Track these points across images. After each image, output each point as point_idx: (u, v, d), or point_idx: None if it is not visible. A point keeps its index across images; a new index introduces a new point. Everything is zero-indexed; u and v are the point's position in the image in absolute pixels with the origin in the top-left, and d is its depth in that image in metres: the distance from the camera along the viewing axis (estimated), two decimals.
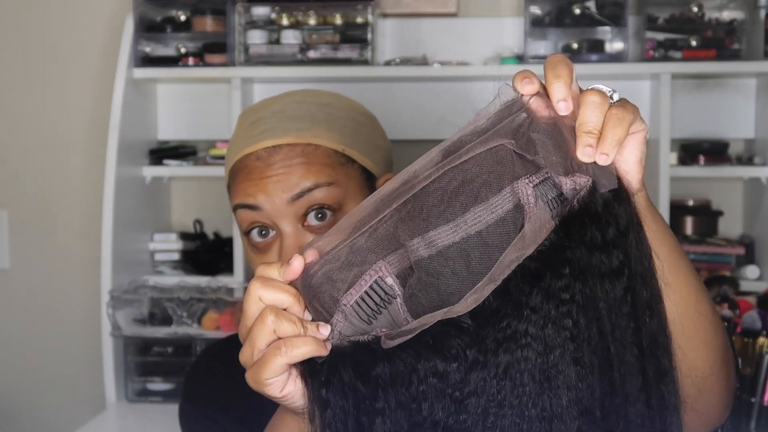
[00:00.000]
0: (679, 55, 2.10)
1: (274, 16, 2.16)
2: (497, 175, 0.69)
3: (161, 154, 2.27)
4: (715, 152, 2.16)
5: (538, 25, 2.13)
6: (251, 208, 1.03)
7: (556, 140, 0.70)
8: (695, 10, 2.12)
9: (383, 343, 0.69)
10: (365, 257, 0.71)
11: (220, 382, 1.11)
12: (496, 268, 0.67)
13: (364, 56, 2.13)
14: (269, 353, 0.70)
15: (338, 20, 2.14)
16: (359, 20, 2.14)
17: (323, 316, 0.72)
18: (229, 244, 2.28)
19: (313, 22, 2.14)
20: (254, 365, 0.71)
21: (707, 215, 2.25)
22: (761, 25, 2.05)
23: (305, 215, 1.02)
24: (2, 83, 2.42)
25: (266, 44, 2.16)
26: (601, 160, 0.69)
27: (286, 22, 2.15)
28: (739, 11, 2.12)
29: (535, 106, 0.72)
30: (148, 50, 2.21)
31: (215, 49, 2.17)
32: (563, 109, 0.70)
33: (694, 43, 2.09)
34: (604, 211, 0.69)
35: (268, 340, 0.71)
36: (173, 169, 2.26)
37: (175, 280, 2.19)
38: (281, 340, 0.70)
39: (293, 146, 1.03)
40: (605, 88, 0.74)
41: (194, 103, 2.33)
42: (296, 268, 0.72)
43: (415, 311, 0.70)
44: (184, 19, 2.19)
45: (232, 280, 2.17)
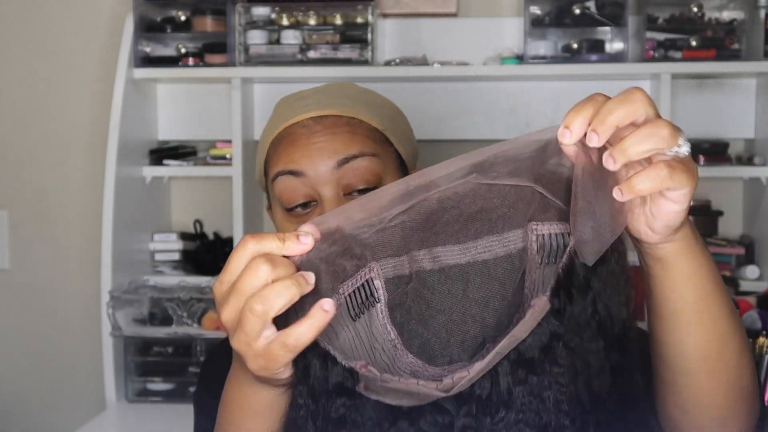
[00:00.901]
0: (679, 55, 2.10)
1: (274, 16, 2.16)
2: (518, 211, 0.68)
3: (161, 154, 2.27)
4: (715, 152, 2.16)
5: (538, 25, 2.13)
6: (294, 174, 1.01)
7: (584, 186, 0.66)
8: (695, 10, 2.12)
9: (359, 387, 0.66)
10: (363, 252, 0.70)
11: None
12: (508, 340, 0.63)
13: (364, 56, 2.13)
14: (275, 348, 0.66)
15: (338, 20, 2.14)
16: (359, 20, 2.14)
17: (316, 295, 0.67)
18: (229, 244, 2.28)
19: (313, 22, 2.14)
20: (259, 360, 0.67)
21: (707, 215, 2.25)
22: (761, 25, 2.05)
23: (347, 187, 1.01)
24: (2, 83, 2.42)
25: (266, 44, 2.16)
26: (592, 140, 0.62)
27: (286, 22, 2.15)
28: (739, 11, 2.12)
29: (571, 152, 0.66)
30: (148, 50, 2.21)
31: (215, 49, 2.17)
32: (591, 140, 0.63)
33: (694, 43, 2.09)
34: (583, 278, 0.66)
35: (257, 287, 0.64)
36: (173, 169, 2.26)
37: (175, 280, 2.20)
38: (284, 331, 0.66)
39: (338, 117, 1.05)
40: (681, 139, 0.64)
41: (194, 103, 2.33)
42: (306, 243, 0.67)
43: (398, 320, 0.69)
44: (184, 19, 2.19)
45: None
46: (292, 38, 2.15)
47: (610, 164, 0.63)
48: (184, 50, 2.19)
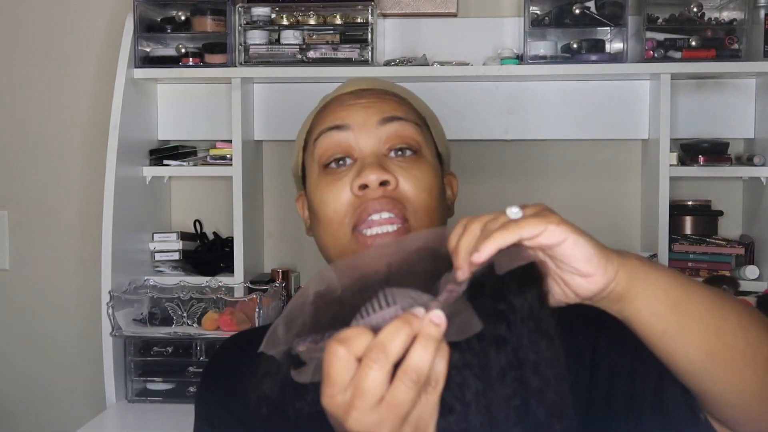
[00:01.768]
0: (678, 55, 2.10)
1: (274, 16, 2.16)
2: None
3: (161, 154, 2.27)
4: (715, 152, 2.16)
5: (538, 25, 2.13)
6: (338, 128, 1.02)
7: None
8: (695, 10, 2.12)
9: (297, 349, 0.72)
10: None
11: (239, 371, 1.09)
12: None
13: (364, 56, 2.13)
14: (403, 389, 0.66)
15: (338, 20, 2.14)
16: (359, 20, 2.14)
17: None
18: (229, 243, 2.28)
19: (313, 22, 2.14)
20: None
21: (707, 215, 2.25)
22: (761, 25, 2.05)
23: (388, 141, 1.01)
24: (2, 83, 2.42)
25: (266, 44, 2.16)
26: (474, 257, 0.70)
27: (286, 22, 2.15)
28: (738, 11, 2.12)
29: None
30: (148, 50, 2.21)
31: (215, 49, 2.17)
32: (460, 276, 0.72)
33: (693, 43, 2.09)
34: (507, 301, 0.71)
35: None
36: (173, 169, 2.26)
37: (175, 280, 2.20)
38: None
39: (386, 91, 1.07)
40: (513, 209, 0.73)
41: (194, 103, 2.33)
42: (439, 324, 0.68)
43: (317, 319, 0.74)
44: (184, 19, 2.19)
45: (232, 280, 2.18)
46: (292, 38, 2.15)
47: (475, 258, 0.70)
48: (184, 50, 2.19)
